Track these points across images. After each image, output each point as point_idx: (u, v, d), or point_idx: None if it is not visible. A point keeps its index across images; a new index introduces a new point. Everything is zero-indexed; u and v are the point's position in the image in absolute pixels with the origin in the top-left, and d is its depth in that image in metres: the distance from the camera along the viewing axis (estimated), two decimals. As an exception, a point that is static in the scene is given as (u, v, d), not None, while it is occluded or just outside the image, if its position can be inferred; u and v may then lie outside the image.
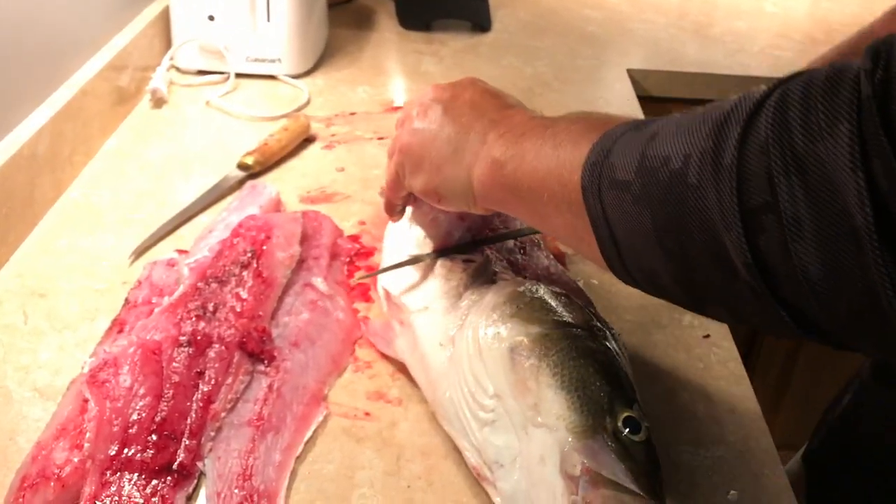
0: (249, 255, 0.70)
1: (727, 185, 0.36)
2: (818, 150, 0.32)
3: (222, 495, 0.54)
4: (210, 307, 0.65)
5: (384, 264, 0.73)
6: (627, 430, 0.50)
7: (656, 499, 0.48)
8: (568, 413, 0.50)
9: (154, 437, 0.56)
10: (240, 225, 0.74)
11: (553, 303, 0.58)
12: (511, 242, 0.70)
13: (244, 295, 0.67)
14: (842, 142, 0.31)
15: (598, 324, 0.58)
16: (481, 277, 0.64)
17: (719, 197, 0.36)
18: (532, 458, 0.50)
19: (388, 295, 0.67)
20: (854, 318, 0.33)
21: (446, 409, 0.57)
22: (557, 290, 0.60)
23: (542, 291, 0.59)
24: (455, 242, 0.69)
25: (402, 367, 0.66)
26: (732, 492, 0.58)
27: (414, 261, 0.68)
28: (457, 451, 0.59)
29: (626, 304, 0.75)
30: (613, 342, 0.57)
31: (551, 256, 0.71)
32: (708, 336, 0.72)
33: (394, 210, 0.67)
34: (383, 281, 0.70)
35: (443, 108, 0.57)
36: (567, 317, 0.57)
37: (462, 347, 0.57)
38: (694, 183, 0.37)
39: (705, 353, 0.71)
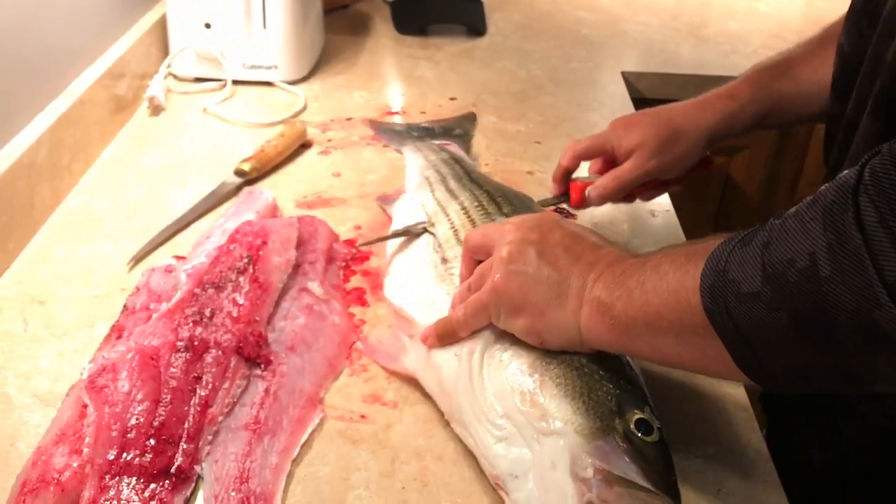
0: (246, 260, 0.71)
1: (862, 267, 0.39)
2: None
3: (220, 498, 0.55)
4: (207, 312, 0.66)
5: (390, 270, 0.74)
6: (639, 431, 0.51)
7: (670, 494, 0.49)
8: (574, 417, 0.51)
9: (152, 441, 0.57)
10: (236, 231, 0.75)
11: None
12: None
13: (241, 300, 0.68)
14: None
15: None
16: None
17: (859, 280, 0.39)
18: (544, 466, 0.51)
19: (395, 307, 0.68)
20: None
21: (463, 422, 0.58)
22: None
23: None
24: None
25: (397, 371, 0.67)
26: (723, 489, 0.59)
27: (404, 233, 0.72)
28: (452, 453, 0.60)
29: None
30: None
31: None
32: (700, 336, 0.73)
33: (451, 341, 0.61)
34: (390, 292, 0.71)
35: (536, 251, 0.56)
36: None
37: (471, 368, 0.58)
38: (827, 275, 0.40)
39: (697, 353, 0.71)
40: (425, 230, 0.74)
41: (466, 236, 0.64)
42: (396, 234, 0.76)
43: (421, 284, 0.69)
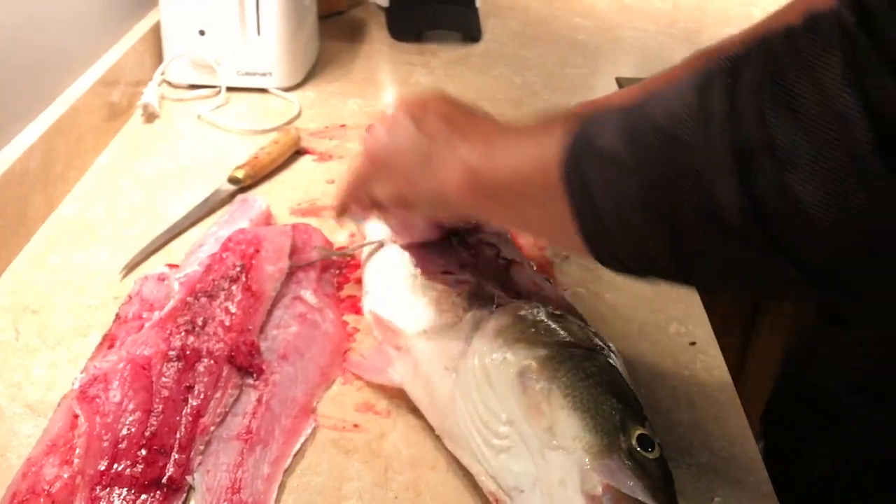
0: (239, 269, 0.71)
1: (719, 134, 0.36)
2: (812, 81, 0.33)
3: (211, 509, 0.55)
4: (199, 321, 0.66)
5: (368, 288, 0.74)
6: (641, 447, 0.51)
7: None
8: (583, 433, 0.51)
9: (144, 451, 0.57)
10: (229, 239, 0.74)
11: (555, 324, 0.59)
12: (494, 259, 0.70)
13: (233, 309, 0.67)
14: (835, 69, 0.32)
15: (599, 342, 0.58)
16: (478, 299, 0.64)
17: (712, 147, 0.36)
18: (552, 483, 0.50)
19: (378, 319, 0.68)
20: (862, 249, 0.34)
21: (456, 437, 0.57)
22: (556, 310, 0.61)
23: (543, 313, 0.60)
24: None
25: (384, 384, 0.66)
26: (717, 498, 0.59)
27: (379, 244, 0.73)
28: (445, 462, 0.60)
29: (612, 314, 0.76)
30: (615, 359, 0.58)
31: (535, 268, 0.71)
32: (694, 343, 0.73)
33: (343, 212, 0.65)
34: (372, 305, 0.71)
35: (414, 120, 0.56)
36: (570, 337, 0.58)
37: (468, 376, 0.57)
38: (686, 141, 0.37)
39: (691, 360, 0.71)
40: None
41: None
42: (369, 244, 0.77)
43: (401, 296, 0.69)
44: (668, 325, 0.75)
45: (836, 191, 0.32)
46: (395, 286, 0.70)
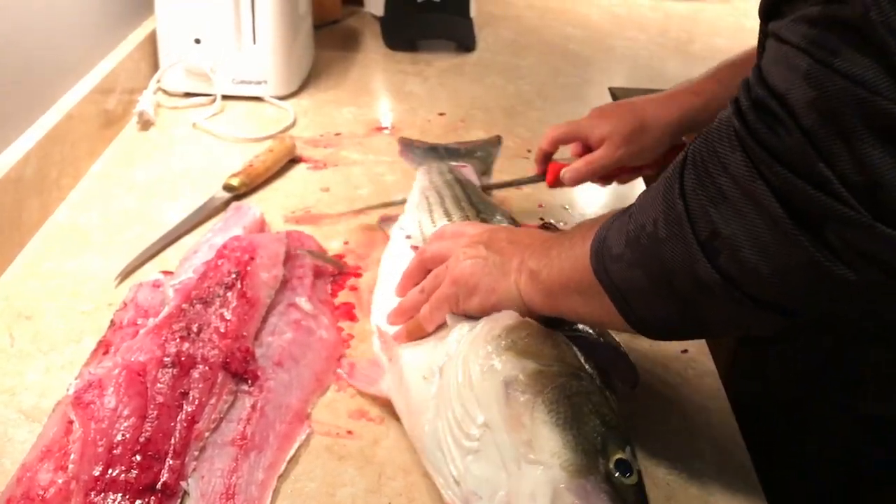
0: (234, 275, 0.71)
1: (684, 230, 0.47)
2: (730, 177, 0.44)
3: (206, 514, 0.55)
4: (194, 328, 0.66)
5: (380, 290, 0.75)
6: (619, 472, 0.50)
7: None
8: (563, 451, 0.50)
9: (138, 457, 0.57)
10: (224, 246, 0.75)
11: (547, 339, 0.58)
12: None
13: (228, 315, 0.68)
14: (741, 165, 0.43)
15: (590, 365, 0.58)
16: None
17: (685, 240, 0.47)
18: (521, 496, 0.50)
19: (380, 331, 0.68)
20: (805, 288, 0.44)
21: (426, 442, 0.57)
22: (552, 330, 0.61)
23: (536, 327, 0.60)
24: None
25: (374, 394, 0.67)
26: (708, 505, 0.59)
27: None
28: (438, 467, 0.60)
29: (605, 321, 0.76)
30: (604, 384, 0.58)
31: None
32: (686, 351, 0.74)
33: (425, 331, 0.67)
34: (377, 318, 0.71)
35: (485, 245, 0.65)
36: (562, 355, 0.57)
37: (451, 376, 0.57)
38: (664, 236, 0.48)
39: (682, 368, 0.72)
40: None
41: (422, 248, 0.72)
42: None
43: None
44: (660, 332, 0.76)
45: (775, 256, 0.43)
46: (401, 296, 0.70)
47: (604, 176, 0.86)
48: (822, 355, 0.73)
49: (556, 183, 0.87)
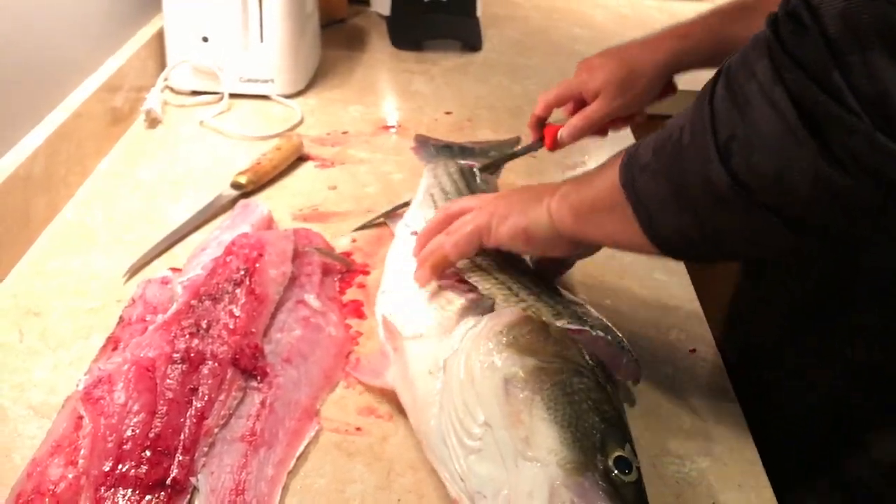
0: (242, 272, 0.71)
1: (706, 134, 0.48)
2: (756, 83, 0.45)
3: (215, 510, 0.55)
4: (203, 324, 0.66)
5: (384, 287, 0.74)
6: (618, 469, 0.50)
7: None
8: (560, 448, 0.50)
9: (148, 452, 0.57)
10: (232, 243, 0.75)
11: (550, 336, 0.58)
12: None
13: (237, 312, 0.68)
14: (766, 71, 0.45)
15: (592, 362, 0.58)
16: (478, 308, 0.64)
17: (703, 144, 0.48)
18: (520, 493, 0.50)
19: (385, 321, 0.68)
20: (806, 194, 0.45)
21: (431, 437, 0.57)
22: (555, 324, 0.61)
23: (539, 324, 0.59)
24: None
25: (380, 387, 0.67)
26: (716, 502, 0.59)
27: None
28: (447, 465, 0.60)
29: (612, 320, 0.76)
30: (606, 380, 0.57)
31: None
32: (694, 350, 0.74)
33: (450, 264, 0.70)
34: (383, 307, 0.71)
35: (513, 192, 0.68)
36: (563, 352, 0.57)
37: (454, 373, 0.57)
38: (687, 142, 0.50)
39: (691, 366, 0.72)
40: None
41: (447, 204, 0.74)
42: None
43: (411, 298, 0.69)
44: (669, 331, 0.76)
45: (781, 158, 0.45)
46: (409, 288, 0.70)
47: (599, 129, 0.89)
48: (810, 303, 0.73)
49: (555, 144, 0.89)
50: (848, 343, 0.68)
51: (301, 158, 1.02)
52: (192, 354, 0.63)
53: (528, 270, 0.71)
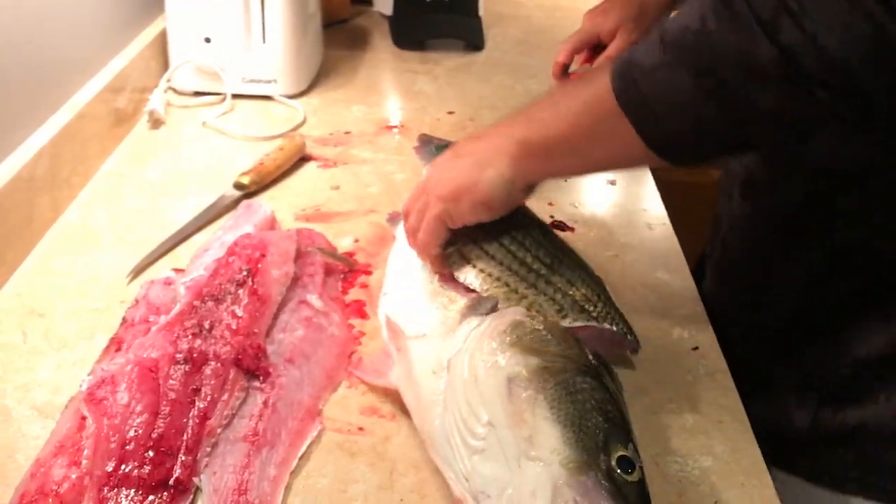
0: (245, 273, 0.71)
1: (740, 14, 0.47)
2: None
3: (218, 510, 0.55)
4: (206, 325, 0.66)
5: (386, 288, 0.75)
6: (621, 469, 0.50)
7: None
8: (563, 447, 0.50)
9: (151, 453, 0.57)
10: (235, 243, 0.75)
11: (553, 336, 0.58)
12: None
13: (240, 312, 0.68)
14: None
15: (596, 361, 0.58)
16: (482, 307, 0.64)
17: (738, 24, 0.47)
18: (523, 493, 0.50)
19: (388, 321, 0.68)
20: (863, 58, 0.44)
21: (435, 437, 0.57)
22: (559, 324, 0.61)
23: (543, 323, 0.59)
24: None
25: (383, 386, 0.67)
26: (718, 502, 0.59)
27: None
28: (449, 464, 0.60)
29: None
30: (610, 379, 0.57)
31: None
32: (696, 348, 0.74)
33: (440, 260, 0.70)
34: (385, 308, 0.71)
35: (452, 158, 0.65)
36: (566, 351, 0.57)
37: (457, 373, 0.57)
38: (713, 28, 0.49)
39: (693, 365, 0.72)
40: None
41: (404, 207, 0.72)
42: None
43: (413, 299, 0.69)
44: (671, 330, 0.76)
45: (845, 28, 0.44)
46: (410, 288, 0.70)
47: None
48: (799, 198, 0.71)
49: None
50: (835, 226, 0.67)
51: (304, 159, 1.02)
52: (194, 355, 0.63)
53: (524, 243, 0.71)
